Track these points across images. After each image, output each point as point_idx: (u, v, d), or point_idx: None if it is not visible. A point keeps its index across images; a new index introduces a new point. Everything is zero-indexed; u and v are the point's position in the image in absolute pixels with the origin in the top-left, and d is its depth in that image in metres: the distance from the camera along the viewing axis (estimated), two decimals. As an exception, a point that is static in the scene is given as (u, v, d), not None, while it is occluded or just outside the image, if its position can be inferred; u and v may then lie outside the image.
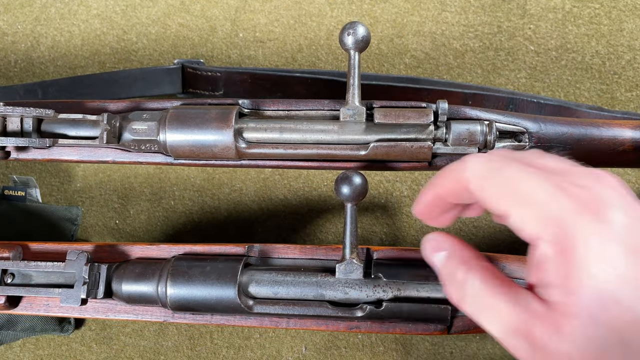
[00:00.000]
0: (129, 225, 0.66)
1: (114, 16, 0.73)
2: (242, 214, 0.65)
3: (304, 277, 0.43)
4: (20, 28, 0.73)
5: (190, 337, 0.62)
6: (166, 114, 0.45)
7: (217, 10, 0.72)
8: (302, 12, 0.71)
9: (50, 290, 0.45)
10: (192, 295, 0.44)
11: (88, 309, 0.47)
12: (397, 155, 0.44)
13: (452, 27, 0.69)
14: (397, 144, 0.43)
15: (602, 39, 0.67)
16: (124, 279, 0.45)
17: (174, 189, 0.66)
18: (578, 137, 0.45)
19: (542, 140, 0.45)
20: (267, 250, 0.46)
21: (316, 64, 0.69)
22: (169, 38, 0.71)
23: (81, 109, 0.49)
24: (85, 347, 0.62)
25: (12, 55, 0.72)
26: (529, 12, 0.68)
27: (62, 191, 0.67)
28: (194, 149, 0.45)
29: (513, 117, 0.45)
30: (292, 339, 0.61)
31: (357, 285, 0.42)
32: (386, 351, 0.60)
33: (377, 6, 0.70)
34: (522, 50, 0.67)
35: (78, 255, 0.45)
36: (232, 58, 0.70)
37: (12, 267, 0.46)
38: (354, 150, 0.44)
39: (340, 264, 0.42)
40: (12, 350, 0.63)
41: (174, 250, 0.48)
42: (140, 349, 0.62)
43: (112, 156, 0.49)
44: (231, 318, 0.45)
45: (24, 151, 0.49)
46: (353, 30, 0.43)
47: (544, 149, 0.44)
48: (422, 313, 0.42)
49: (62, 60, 0.72)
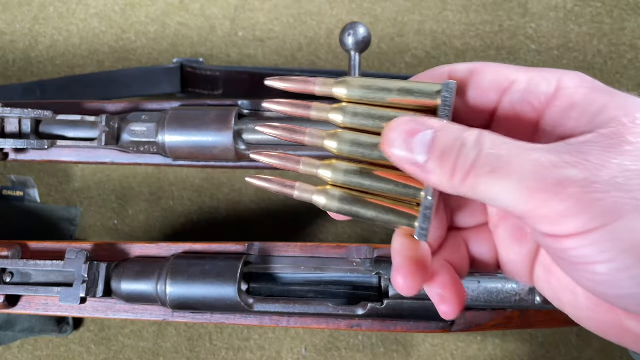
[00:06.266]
0: (127, 225, 0.66)
1: (113, 15, 0.72)
2: (241, 215, 0.65)
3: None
4: (19, 27, 0.73)
5: (189, 338, 0.61)
6: (165, 115, 0.45)
7: (217, 9, 0.71)
8: (302, 10, 0.70)
9: (49, 289, 0.45)
10: (192, 294, 0.44)
11: (87, 307, 0.47)
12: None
13: (453, 26, 0.68)
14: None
15: (604, 38, 0.66)
16: (123, 278, 0.45)
17: (172, 189, 0.66)
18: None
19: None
20: (268, 249, 0.46)
21: (316, 63, 0.69)
22: (168, 37, 0.71)
23: (80, 110, 0.49)
24: (84, 348, 0.62)
25: (10, 55, 0.72)
26: (530, 11, 0.68)
27: (60, 191, 0.67)
28: (193, 151, 0.45)
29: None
30: (291, 340, 0.61)
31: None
32: (387, 352, 0.60)
33: (378, 5, 0.70)
34: (524, 50, 0.67)
35: (77, 254, 0.45)
36: (231, 57, 0.70)
37: (11, 265, 0.46)
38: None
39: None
40: (10, 352, 0.62)
41: (173, 248, 0.48)
42: (139, 350, 0.62)
43: (111, 157, 0.48)
44: (231, 317, 0.45)
45: (22, 152, 0.49)
46: (353, 30, 0.43)
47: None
48: (424, 311, 0.42)
49: (61, 60, 0.71)
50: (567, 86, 0.26)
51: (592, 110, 0.25)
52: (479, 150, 0.24)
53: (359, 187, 0.28)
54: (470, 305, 0.44)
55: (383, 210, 0.28)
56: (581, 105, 0.26)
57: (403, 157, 0.26)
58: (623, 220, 0.22)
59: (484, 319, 0.45)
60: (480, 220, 0.31)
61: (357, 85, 0.28)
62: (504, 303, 0.44)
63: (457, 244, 0.31)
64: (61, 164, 0.68)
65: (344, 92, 0.29)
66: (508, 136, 0.26)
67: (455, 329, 0.44)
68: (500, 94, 0.28)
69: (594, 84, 0.26)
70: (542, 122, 0.27)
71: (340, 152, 0.28)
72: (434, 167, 0.25)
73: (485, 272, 0.45)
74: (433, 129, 0.26)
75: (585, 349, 0.59)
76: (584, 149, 0.24)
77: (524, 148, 0.24)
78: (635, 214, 0.22)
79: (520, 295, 0.44)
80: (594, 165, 0.23)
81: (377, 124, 0.28)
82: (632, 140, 0.23)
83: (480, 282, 0.44)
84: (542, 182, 0.23)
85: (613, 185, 0.22)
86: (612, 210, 0.22)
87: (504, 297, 0.44)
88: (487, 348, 0.59)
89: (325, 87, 0.29)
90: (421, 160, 0.25)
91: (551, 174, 0.23)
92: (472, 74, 0.28)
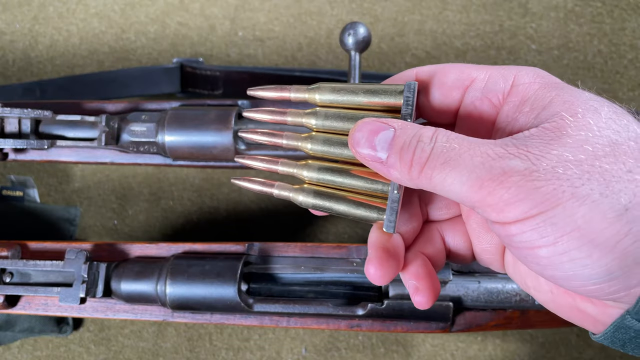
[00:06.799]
0: (127, 225, 0.66)
1: (113, 15, 0.72)
2: (241, 215, 0.65)
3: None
4: (19, 27, 0.73)
5: (189, 338, 0.61)
6: (165, 115, 0.45)
7: (216, 9, 0.71)
8: (302, 10, 0.70)
9: (49, 289, 0.45)
10: (192, 294, 0.43)
11: (87, 308, 0.47)
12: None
13: (454, 26, 0.68)
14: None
15: (604, 38, 0.66)
16: (123, 278, 0.45)
17: (172, 189, 0.66)
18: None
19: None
20: (267, 249, 0.46)
21: (316, 62, 0.69)
22: (167, 37, 0.71)
23: (79, 110, 0.49)
24: (83, 349, 0.62)
25: (10, 55, 0.72)
26: (530, 10, 0.68)
27: (60, 191, 0.67)
28: (193, 151, 0.45)
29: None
30: (291, 341, 0.61)
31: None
32: (387, 352, 0.59)
33: (378, 5, 0.70)
34: (524, 49, 0.67)
35: (77, 254, 0.45)
36: (231, 57, 0.70)
37: (11, 265, 0.46)
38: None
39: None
40: (10, 352, 0.62)
41: (173, 248, 0.48)
42: (138, 350, 0.62)
43: (111, 157, 0.48)
44: (231, 317, 0.45)
45: (22, 152, 0.49)
46: (354, 30, 0.43)
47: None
48: (424, 311, 0.42)
49: (61, 59, 0.71)
50: (522, 82, 0.28)
51: (540, 105, 0.27)
52: (433, 145, 0.27)
53: (332, 184, 0.31)
54: (470, 305, 0.44)
55: (354, 205, 0.30)
56: (531, 100, 0.28)
57: (367, 155, 0.28)
58: (561, 206, 0.24)
59: (484, 319, 0.45)
60: (454, 213, 0.33)
61: (328, 89, 0.31)
62: (504, 303, 0.44)
63: (432, 237, 0.33)
64: (61, 164, 0.67)
65: (316, 96, 0.31)
66: (470, 132, 0.29)
67: (456, 329, 0.44)
68: (462, 92, 0.30)
69: (546, 79, 0.28)
70: (498, 117, 0.29)
71: (314, 152, 0.31)
72: (394, 162, 0.27)
73: (485, 272, 0.45)
74: (393, 128, 0.28)
75: (585, 349, 0.59)
76: (528, 141, 0.26)
77: (475, 142, 0.26)
78: (572, 201, 0.24)
79: (521, 296, 0.44)
80: (536, 155, 0.25)
81: (347, 125, 0.30)
82: (572, 133, 0.25)
83: (481, 282, 0.44)
84: (489, 172, 0.25)
85: (553, 174, 0.24)
86: (551, 197, 0.24)
87: (504, 298, 0.44)
88: (488, 348, 0.59)
89: (300, 93, 0.31)
90: (383, 156, 0.28)
91: (497, 164, 0.25)
92: (436, 74, 0.30)
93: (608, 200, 0.24)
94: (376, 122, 0.28)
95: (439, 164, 0.26)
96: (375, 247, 0.30)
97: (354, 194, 0.31)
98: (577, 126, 0.25)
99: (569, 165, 0.24)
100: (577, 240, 0.24)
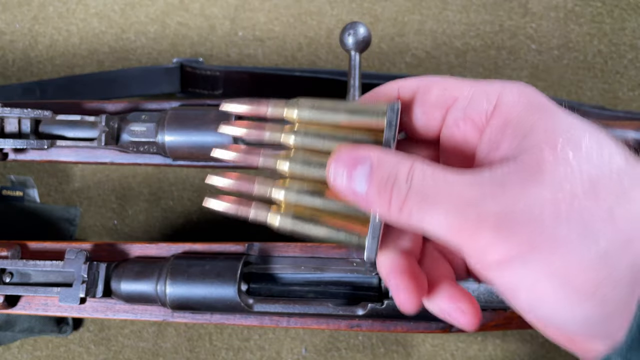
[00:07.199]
0: (127, 225, 0.66)
1: (113, 15, 0.72)
2: (241, 215, 0.65)
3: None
4: (18, 27, 0.73)
5: (189, 338, 0.61)
6: (165, 115, 0.45)
7: (216, 9, 0.71)
8: (302, 10, 0.70)
9: (48, 289, 0.45)
10: (192, 294, 0.43)
11: (87, 308, 0.47)
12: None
13: (454, 26, 0.68)
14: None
15: (605, 38, 0.66)
16: (123, 278, 0.45)
17: (172, 189, 0.66)
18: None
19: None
20: (268, 249, 0.46)
21: (316, 62, 0.69)
22: (167, 37, 0.71)
23: (79, 110, 0.49)
24: (83, 349, 0.62)
25: (10, 54, 0.72)
26: (530, 10, 0.68)
27: (60, 191, 0.67)
28: (193, 151, 0.45)
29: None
30: (291, 341, 0.61)
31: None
32: (387, 352, 0.59)
33: (378, 4, 0.70)
34: (524, 49, 0.67)
35: (77, 254, 0.45)
36: (231, 57, 0.70)
37: (11, 265, 0.46)
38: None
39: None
40: (10, 352, 0.62)
41: (173, 248, 0.48)
42: (138, 350, 0.62)
43: (111, 157, 0.48)
44: (231, 317, 0.45)
45: (21, 152, 0.49)
46: (354, 30, 0.43)
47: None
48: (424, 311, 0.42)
49: (61, 59, 0.71)
50: (505, 102, 0.27)
51: (522, 131, 0.26)
52: (409, 185, 0.26)
53: (312, 207, 0.29)
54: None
55: (334, 230, 0.29)
56: (514, 123, 0.26)
57: (345, 188, 0.27)
58: (537, 250, 0.23)
59: (484, 319, 0.45)
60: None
61: (307, 106, 0.29)
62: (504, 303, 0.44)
63: (435, 256, 0.32)
64: (61, 164, 0.67)
65: (294, 113, 0.29)
66: (453, 154, 0.28)
67: (456, 329, 0.44)
68: (444, 112, 0.29)
69: (531, 99, 0.27)
70: (481, 141, 0.28)
71: (292, 173, 0.29)
72: (374, 197, 0.27)
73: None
74: (370, 162, 0.27)
75: (585, 349, 0.59)
76: (505, 179, 0.25)
77: (451, 182, 0.25)
78: (549, 243, 0.23)
79: (521, 296, 0.44)
80: (512, 195, 0.24)
81: (327, 145, 0.29)
82: (550, 169, 0.24)
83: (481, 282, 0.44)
84: (464, 219, 0.24)
85: (529, 216, 0.23)
86: (527, 240, 0.23)
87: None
88: (488, 348, 0.59)
89: (277, 109, 0.30)
90: (362, 190, 0.27)
91: (472, 210, 0.24)
92: (419, 90, 0.29)
93: (587, 242, 0.23)
94: (354, 153, 0.27)
95: (415, 207, 0.25)
96: (399, 272, 0.28)
97: (333, 218, 0.29)
98: (557, 161, 0.24)
99: (547, 205, 0.23)
100: (554, 285, 0.23)
